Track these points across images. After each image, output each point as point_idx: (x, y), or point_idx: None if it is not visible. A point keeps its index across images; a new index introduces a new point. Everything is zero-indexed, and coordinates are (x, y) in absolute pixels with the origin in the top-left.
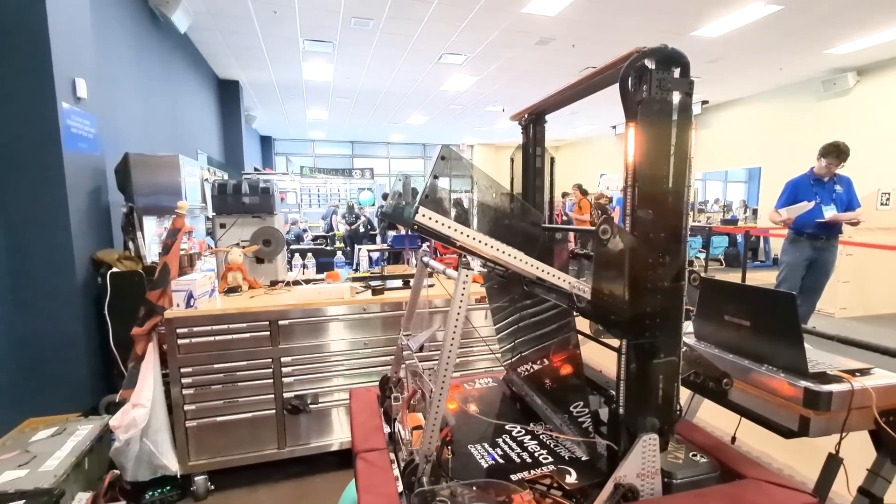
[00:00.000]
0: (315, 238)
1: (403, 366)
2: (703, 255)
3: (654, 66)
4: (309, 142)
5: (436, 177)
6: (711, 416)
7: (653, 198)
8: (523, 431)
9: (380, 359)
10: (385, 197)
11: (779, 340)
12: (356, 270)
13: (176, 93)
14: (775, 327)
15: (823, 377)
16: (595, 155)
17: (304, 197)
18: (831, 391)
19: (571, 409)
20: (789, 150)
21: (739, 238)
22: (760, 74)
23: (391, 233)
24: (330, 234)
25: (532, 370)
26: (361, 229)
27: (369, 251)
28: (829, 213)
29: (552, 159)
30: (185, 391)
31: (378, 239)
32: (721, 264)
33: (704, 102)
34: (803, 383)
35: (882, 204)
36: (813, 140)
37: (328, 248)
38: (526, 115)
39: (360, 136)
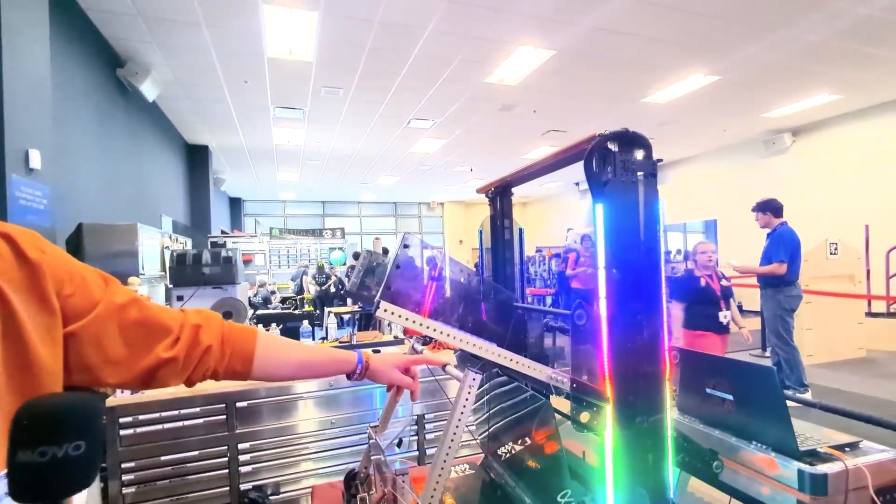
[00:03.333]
0: (284, 300)
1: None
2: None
3: (616, 149)
4: (280, 202)
5: (398, 266)
6: (699, 483)
7: (626, 276)
8: None
9: (348, 438)
10: (356, 256)
11: (764, 416)
12: (324, 339)
13: (141, 159)
14: (759, 402)
15: (815, 455)
16: (561, 210)
17: (273, 258)
18: (826, 473)
19: (559, 499)
20: (739, 204)
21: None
22: (707, 135)
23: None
24: (300, 296)
25: (511, 452)
26: (332, 289)
27: (340, 314)
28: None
29: (521, 230)
30: (125, 490)
31: (349, 300)
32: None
33: (659, 160)
34: (796, 465)
35: (831, 253)
36: (760, 194)
37: (296, 311)
38: (493, 189)
39: (332, 195)
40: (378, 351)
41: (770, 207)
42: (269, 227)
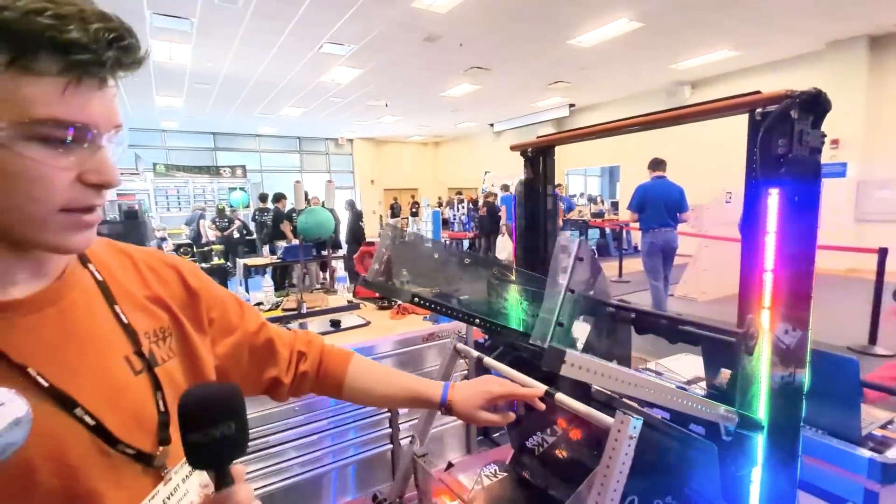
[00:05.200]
0: (179, 247)
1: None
2: None
3: (796, 115)
4: (158, 132)
5: (571, 291)
6: None
7: (794, 281)
8: None
9: (313, 424)
10: (264, 198)
11: (825, 402)
12: (260, 305)
13: None
14: (828, 391)
15: (874, 440)
16: (475, 151)
17: (160, 199)
18: None
19: None
20: (642, 153)
21: (607, 230)
22: (619, 83)
23: (281, 243)
24: (204, 246)
25: (551, 443)
26: (236, 235)
27: (254, 267)
28: None
29: (554, 197)
30: None
31: (266, 249)
32: (594, 254)
33: (571, 105)
34: (865, 453)
35: (727, 202)
36: (660, 144)
37: (203, 263)
38: (530, 149)
39: (224, 127)
40: (338, 323)
41: (650, 163)
42: (153, 162)
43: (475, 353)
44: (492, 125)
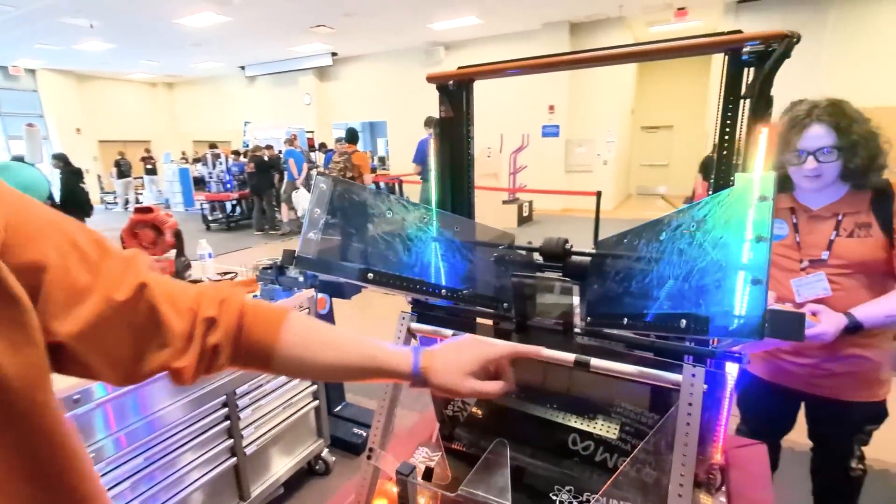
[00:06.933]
0: None
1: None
2: None
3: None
4: None
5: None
6: None
7: None
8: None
9: (140, 458)
10: None
11: None
12: None
13: None
14: None
15: None
16: (227, 98)
17: None
18: None
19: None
20: (406, 109)
21: (382, 184)
22: (382, 35)
23: None
24: None
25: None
26: None
27: None
28: None
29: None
30: None
31: None
32: None
33: (334, 54)
34: None
35: (487, 157)
36: (421, 102)
37: None
38: (451, 81)
39: None
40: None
41: (426, 121)
42: None
43: (448, 332)
44: (243, 68)
